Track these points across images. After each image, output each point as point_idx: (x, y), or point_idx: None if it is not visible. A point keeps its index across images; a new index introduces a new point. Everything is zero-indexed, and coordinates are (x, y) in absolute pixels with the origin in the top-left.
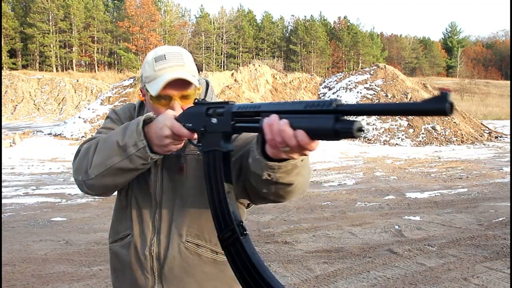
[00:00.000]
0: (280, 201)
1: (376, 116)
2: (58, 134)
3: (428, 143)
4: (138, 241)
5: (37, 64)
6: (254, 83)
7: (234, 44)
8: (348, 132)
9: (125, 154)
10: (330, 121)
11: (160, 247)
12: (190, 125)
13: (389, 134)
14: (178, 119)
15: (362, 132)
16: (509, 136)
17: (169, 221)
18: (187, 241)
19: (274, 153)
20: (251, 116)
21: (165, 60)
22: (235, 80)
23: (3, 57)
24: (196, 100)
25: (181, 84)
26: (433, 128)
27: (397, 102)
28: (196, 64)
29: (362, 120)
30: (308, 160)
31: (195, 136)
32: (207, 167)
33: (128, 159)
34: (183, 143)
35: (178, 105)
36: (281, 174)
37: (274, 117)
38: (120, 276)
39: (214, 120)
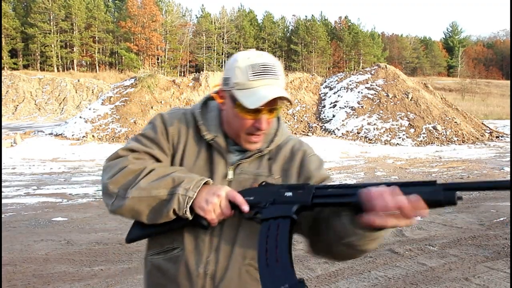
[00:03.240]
0: (338, 260)
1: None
2: (59, 134)
3: (429, 143)
4: (191, 257)
5: (38, 64)
6: None
7: (235, 44)
8: (452, 201)
9: (172, 189)
10: (440, 192)
11: (218, 267)
12: (252, 198)
13: (390, 134)
14: (240, 192)
15: (461, 200)
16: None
17: (232, 241)
18: (250, 265)
19: (381, 222)
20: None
21: (262, 72)
22: None
23: (4, 57)
24: (263, 183)
25: (274, 99)
26: (434, 128)
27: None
28: (196, 64)
29: (368, 122)
30: None
31: (247, 208)
32: (263, 234)
33: (171, 194)
34: (218, 220)
35: (265, 119)
36: (365, 241)
37: (381, 186)
38: None
39: (288, 194)
